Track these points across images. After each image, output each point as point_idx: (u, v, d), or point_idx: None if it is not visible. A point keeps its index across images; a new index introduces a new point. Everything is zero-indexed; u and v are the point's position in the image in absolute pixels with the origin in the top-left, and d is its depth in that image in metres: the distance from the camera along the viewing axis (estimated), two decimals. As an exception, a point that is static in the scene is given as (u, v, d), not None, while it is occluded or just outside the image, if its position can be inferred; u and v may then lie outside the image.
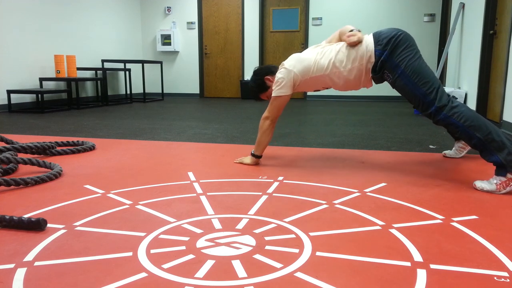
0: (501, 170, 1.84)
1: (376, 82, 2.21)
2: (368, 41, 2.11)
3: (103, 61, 7.08)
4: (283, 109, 2.33)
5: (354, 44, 2.13)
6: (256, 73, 2.43)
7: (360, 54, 2.12)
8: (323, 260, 1.20)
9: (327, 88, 2.33)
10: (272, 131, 2.36)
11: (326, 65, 2.17)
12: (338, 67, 2.16)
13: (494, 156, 1.84)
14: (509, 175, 1.82)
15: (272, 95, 2.28)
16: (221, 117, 4.85)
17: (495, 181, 1.85)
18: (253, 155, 2.39)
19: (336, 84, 2.22)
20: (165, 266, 1.16)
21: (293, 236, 1.37)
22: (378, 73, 2.10)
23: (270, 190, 1.90)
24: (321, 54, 2.22)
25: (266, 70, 2.39)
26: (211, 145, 3.04)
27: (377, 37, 2.09)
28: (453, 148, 2.63)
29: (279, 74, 2.26)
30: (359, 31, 2.16)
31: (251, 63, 8.11)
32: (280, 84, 2.24)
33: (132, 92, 7.95)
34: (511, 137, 1.88)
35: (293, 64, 2.24)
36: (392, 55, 2.03)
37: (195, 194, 1.83)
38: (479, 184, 1.90)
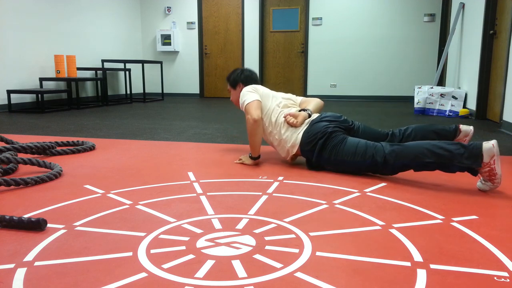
0: (473, 172, 1.84)
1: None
2: (299, 134, 2.26)
3: (103, 61, 7.08)
4: (260, 110, 2.35)
5: (289, 123, 2.30)
6: (239, 72, 2.65)
7: (288, 136, 2.29)
8: (323, 260, 1.20)
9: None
10: (259, 130, 2.31)
11: (270, 105, 2.40)
12: (271, 120, 2.36)
13: (455, 167, 1.84)
14: (482, 169, 1.79)
15: (244, 107, 2.38)
16: (221, 117, 4.84)
17: (484, 180, 1.85)
18: (251, 157, 2.39)
19: (271, 126, 2.37)
20: (165, 266, 1.16)
21: (293, 236, 1.37)
22: (316, 168, 2.26)
23: (270, 190, 1.90)
24: (275, 97, 2.47)
25: (242, 79, 2.61)
26: (211, 145, 3.04)
27: (305, 136, 2.23)
28: None
29: (243, 90, 2.46)
30: (310, 114, 2.33)
31: (251, 63, 8.11)
32: (244, 96, 2.41)
33: (132, 92, 7.95)
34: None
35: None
36: (321, 154, 2.19)
37: (195, 194, 1.83)
38: (480, 186, 1.89)
